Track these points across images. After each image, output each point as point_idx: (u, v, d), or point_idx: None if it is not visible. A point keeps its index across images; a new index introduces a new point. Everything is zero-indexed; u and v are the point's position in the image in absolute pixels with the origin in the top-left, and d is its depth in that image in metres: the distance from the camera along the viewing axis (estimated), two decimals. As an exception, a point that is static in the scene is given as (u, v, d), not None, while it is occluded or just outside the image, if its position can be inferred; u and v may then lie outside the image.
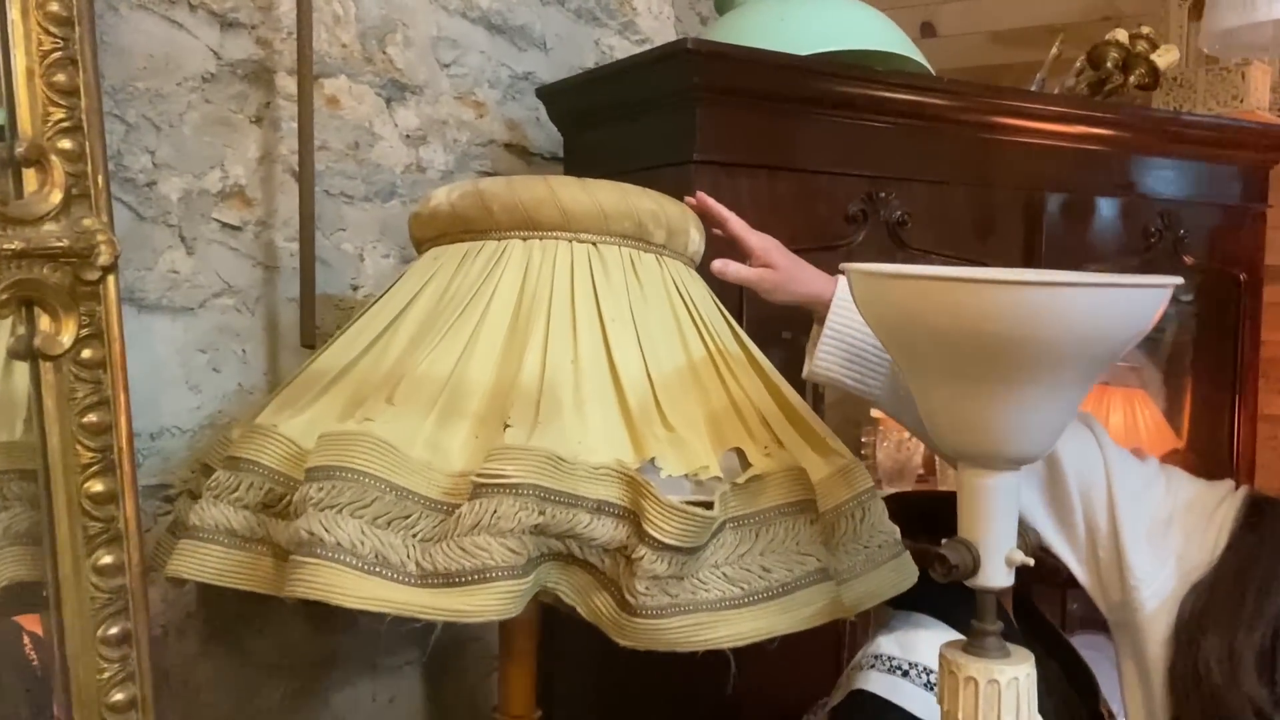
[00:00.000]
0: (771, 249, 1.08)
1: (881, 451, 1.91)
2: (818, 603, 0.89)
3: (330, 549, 0.78)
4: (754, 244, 1.08)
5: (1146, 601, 0.96)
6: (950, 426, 0.78)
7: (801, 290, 1.07)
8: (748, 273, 1.07)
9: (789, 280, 1.07)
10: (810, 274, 1.08)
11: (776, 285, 1.07)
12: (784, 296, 1.07)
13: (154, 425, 1.09)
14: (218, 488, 0.87)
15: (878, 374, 1.04)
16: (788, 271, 1.07)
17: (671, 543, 0.81)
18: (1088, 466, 1.02)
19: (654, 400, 0.92)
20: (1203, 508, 1.01)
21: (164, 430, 1.10)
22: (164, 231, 1.10)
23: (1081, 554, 1.02)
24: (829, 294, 1.05)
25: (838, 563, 0.96)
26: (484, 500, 0.80)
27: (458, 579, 0.79)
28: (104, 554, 0.84)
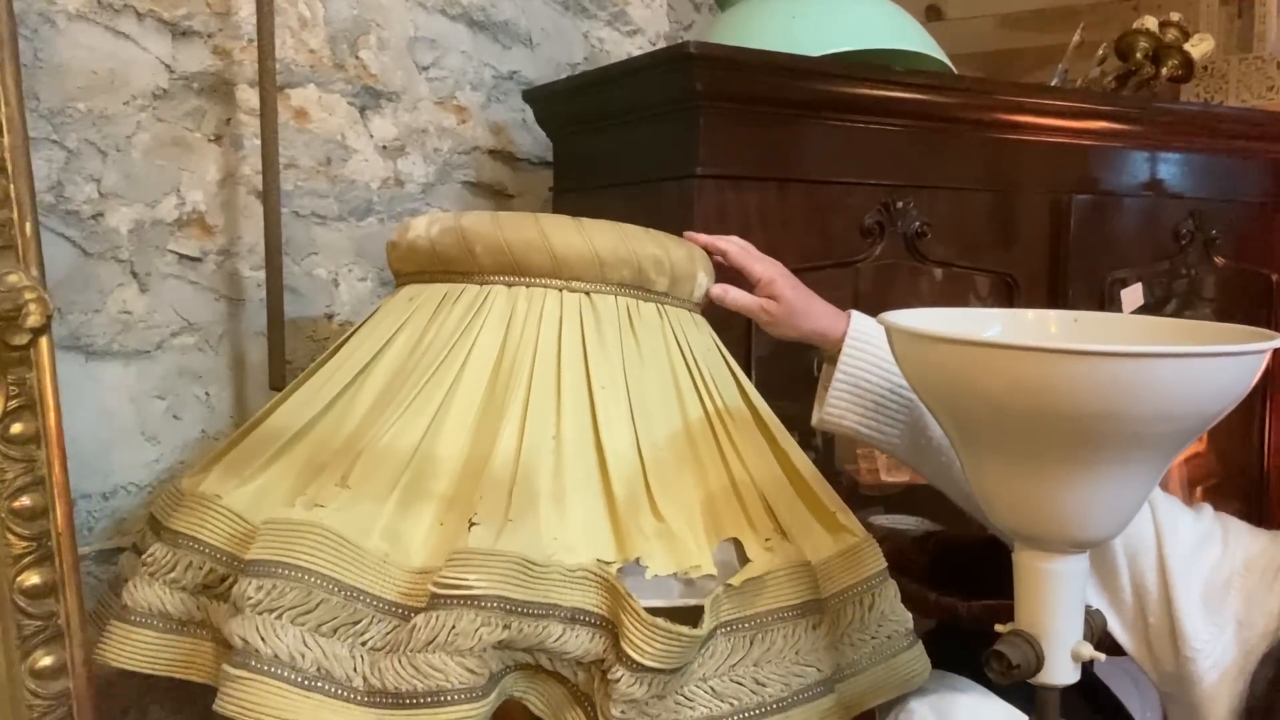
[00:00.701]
0: (777, 279, 0.98)
1: None
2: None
3: (266, 661, 0.69)
4: (758, 273, 0.98)
5: (1206, 674, 0.87)
6: (1008, 506, 0.69)
7: (808, 326, 0.98)
8: (748, 301, 0.98)
9: (793, 315, 0.97)
10: (819, 309, 0.98)
11: (779, 319, 0.98)
12: (788, 331, 0.98)
13: (106, 484, 0.98)
14: (153, 564, 0.78)
15: (897, 422, 0.95)
16: (792, 305, 0.97)
17: (652, 665, 0.72)
18: (1134, 522, 0.93)
19: (644, 485, 0.83)
20: (1266, 565, 0.91)
21: (118, 489, 1.00)
22: (113, 268, 0.99)
23: (1128, 619, 0.92)
24: (838, 331, 0.95)
25: (840, 656, 0.87)
26: (441, 613, 0.71)
27: (408, 700, 0.70)
28: (42, 655, 0.74)
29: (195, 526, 0.78)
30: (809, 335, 0.98)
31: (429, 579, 0.72)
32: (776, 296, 0.97)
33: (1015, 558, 0.71)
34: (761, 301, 0.97)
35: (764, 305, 0.97)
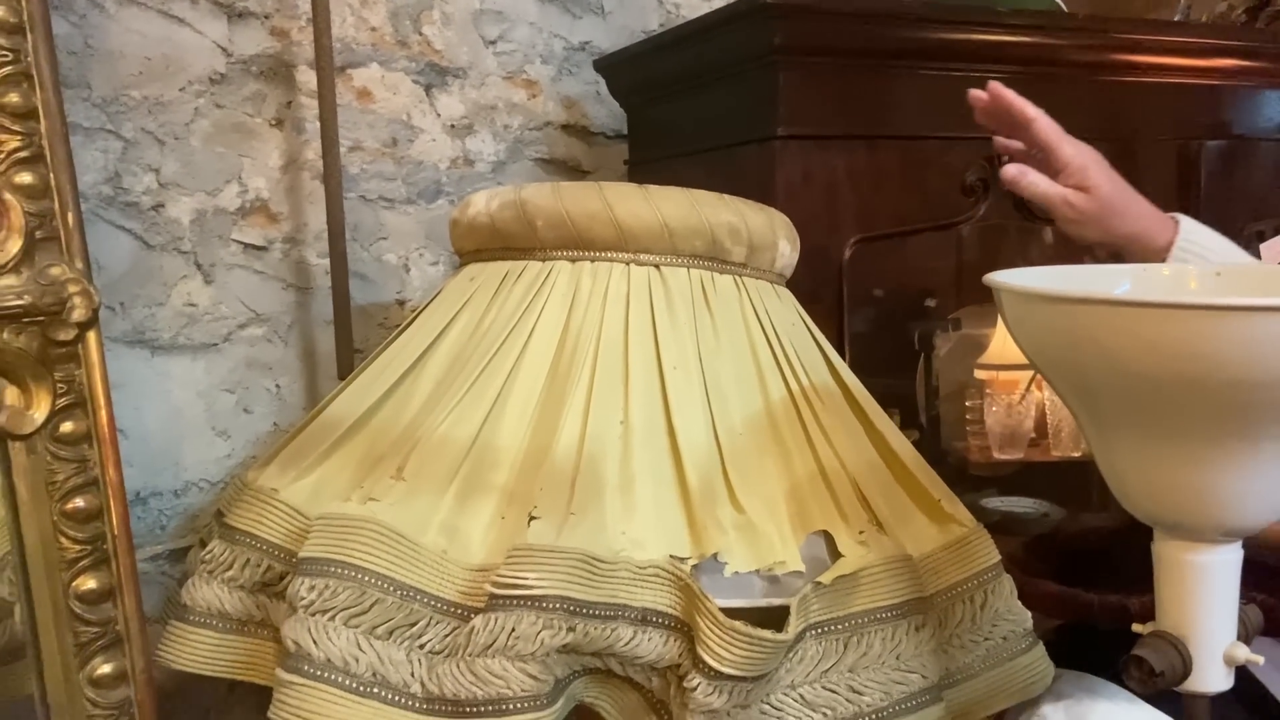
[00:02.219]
0: (1090, 166, 0.81)
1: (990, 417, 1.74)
2: (920, 733, 0.72)
3: (320, 666, 0.65)
4: (1068, 156, 0.82)
5: None
6: (1145, 490, 0.59)
7: (1124, 229, 0.81)
8: (1049, 189, 0.81)
9: (1107, 212, 0.81)
10: (1140, 209, 0.82)
11: (1088, 216, 0.81)
12: (1096, 233, 0.82)
13: (177, 481, 0.96)
14: (212, 562, 0.75)
15: None
16: (1107, 200, 0.80)
17: (731, 672, 0.65)
18: None
19: (722, 473, 0.76)
20: None
21: (189, 485, 0.98)
22: (176, 260, 0.97)
23: None
24: (1164, 238, 0.79)
25: (949, 660, 0.79)
26: (500, 615, 0.65)
27: (468, 708, 0.65)
28: (101, 662, 0.72)
29: (252, 523, 0.75)
30: (1122, 239, 0.81)
31: (489, 577, 0.67)
32: (1088, 187, 0.81)
33: (1155, 549, 0.62)
34: (1066, 193, 0.82)
35: (1069, 198, 0.81)
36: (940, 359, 1.58)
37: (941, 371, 1.61)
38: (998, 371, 1.81)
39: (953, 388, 1.63)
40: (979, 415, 1.81)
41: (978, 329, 1.71)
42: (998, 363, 1.80)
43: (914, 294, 1.48)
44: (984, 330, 1.75)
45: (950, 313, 1.55)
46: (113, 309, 0.90)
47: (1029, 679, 0.82)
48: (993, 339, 1.84)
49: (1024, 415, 1.75)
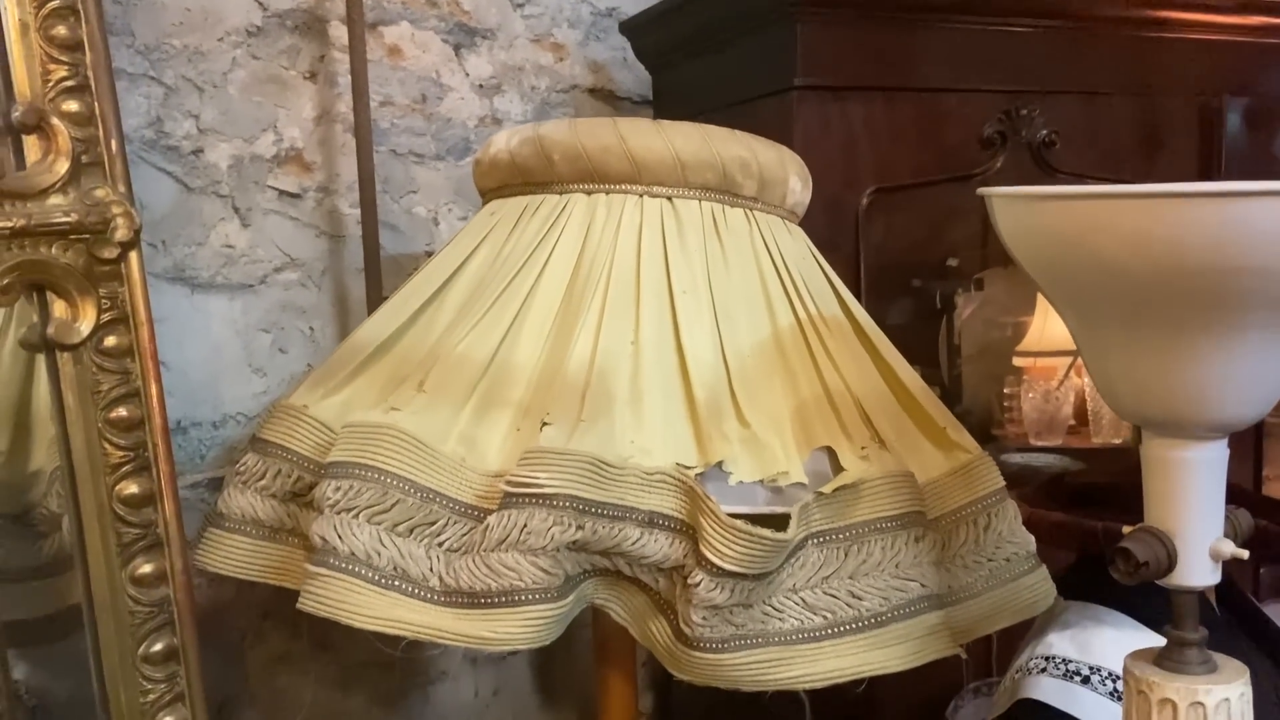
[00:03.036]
0: None
1: (1027, 403, 1.74)
2: (919, 637, 0.74)
3: (344, 559, 0.69)
4: None
5: None
6: (1133, 388, 0.61)
7: None
8: None
9: None
10: None
11: None
12: None
13: (216, 414, 1.01)
14: (245, 473, 0.79)
15: None
16: None
17: (732, 569, 0.68)
18: None
19: (729, 391, 0.79)
20: None
21: (227, 419, 1.03)
22: (214, 203, 1.01)
23: None
24: None
25: (952, 579, 0.81)
26: (513, 513, 0.69)
27: (483, 599, 0.69)
28: (143, 563, 0.76)
29: (283, 435, 0.79)
30: None
31: (504, 480, 0.70)
32: None
33: (1143, 450, 0.63)
34: None
35: None
36: (963, 320, 1.59)
37: (964, 332, 1.62)
38: (1035, 358, 1.81)
39: (975, 349, 1.64)
40: (1016, 402, 1.80)
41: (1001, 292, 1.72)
42: (1035, 349, 1.80)
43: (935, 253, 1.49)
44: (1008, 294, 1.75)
45: (973, 274, 1.56)
46: (155, 246, 0.95)
47: (1031, 599, 0.84)
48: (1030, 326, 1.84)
49: (1062, 402, 1.75)
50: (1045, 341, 1.77)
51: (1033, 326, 1.79)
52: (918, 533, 0.77)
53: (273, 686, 1.08)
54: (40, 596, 0.86)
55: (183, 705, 0.77)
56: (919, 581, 0.76)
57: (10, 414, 0.85)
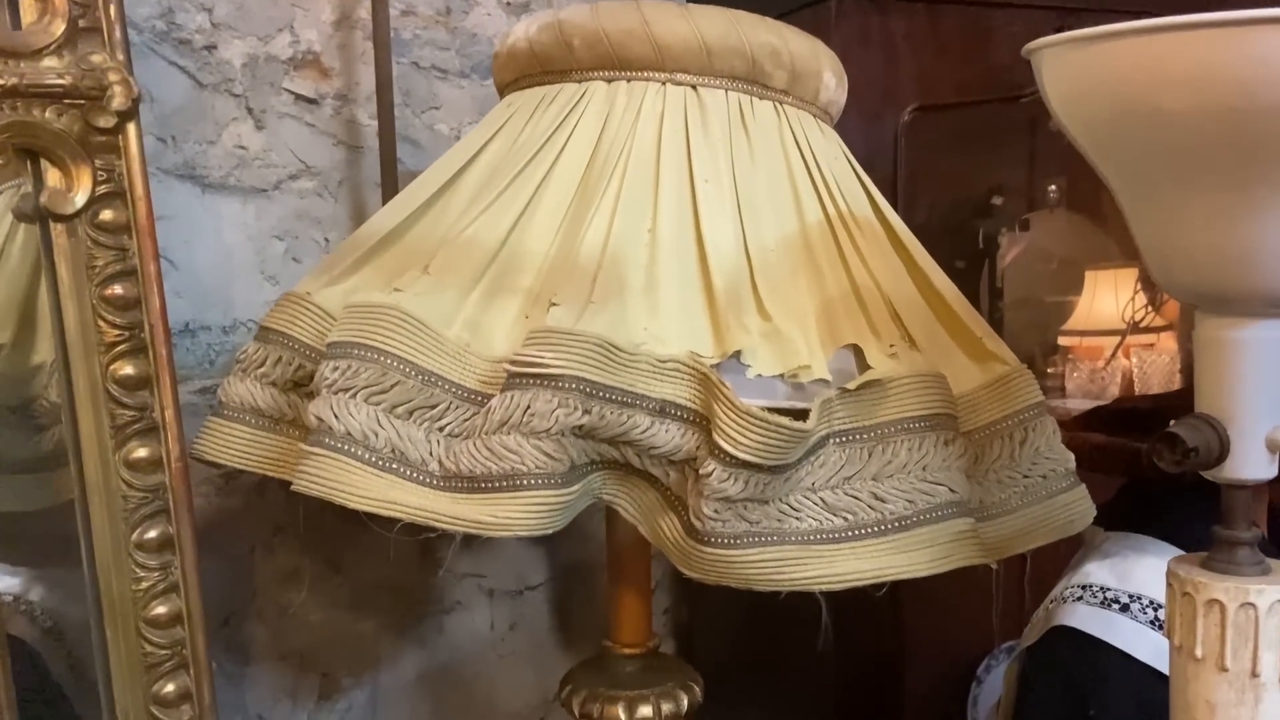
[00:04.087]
0: None
1: (1072, 382, 1.69)
2: (945, 542, 0.70)
3: (340, 439, 0.66)
4: None
5: None
6: (1186, 259, 0.56)
7: None
8: None
9: None
10: None
11: None
12: None
13: (226, 319, 0.99)
14: (245, 361, 0.76)
15: None
16: None
17: (747, 458, 0.64)
18: None
19: (750, 284, 0.74)
20: None
21: (238, 324, 1.00)
22: (227, 101, 0.98)
23: None
24: None
25: (985, 494, 0.77)
26: (516, 394, 0.65)
27: (483, 483, 0.65)
28: (137, 446, 0.74)
29: (285, 323, 0.76)
30: None
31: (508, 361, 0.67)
32: None
33: (1196, 334, 0.58)
34: None
35: None
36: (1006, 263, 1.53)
37: (1006, 276, 1.55)
38: (1081, 338, 1.75)
39: (1017, 296, 1.58)
40: (1060, 382, 1.75)
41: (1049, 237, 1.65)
42: (1082, 328, 1.73)
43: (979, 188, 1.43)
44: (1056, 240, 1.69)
45: (1019, 214, 1.49)
46: (164, 142, 0.93)
47: (1069, 517, 0.79)
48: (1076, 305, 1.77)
49: (1108, 382, 1.69)
50: (1093, 320, 1.72)
51: (1079, 305, 1.74)
52: (947, 436, 0.72)
53: (281, 604, 1.06)
54: (42, 490, 0.84)
55: (176, 596, 0.74)
56: (947, 486, 0.71)
57: (16, 308, 0.84)
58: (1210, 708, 0.57)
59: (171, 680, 0.74)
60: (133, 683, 0.73)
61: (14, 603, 0.86)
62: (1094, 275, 1.73)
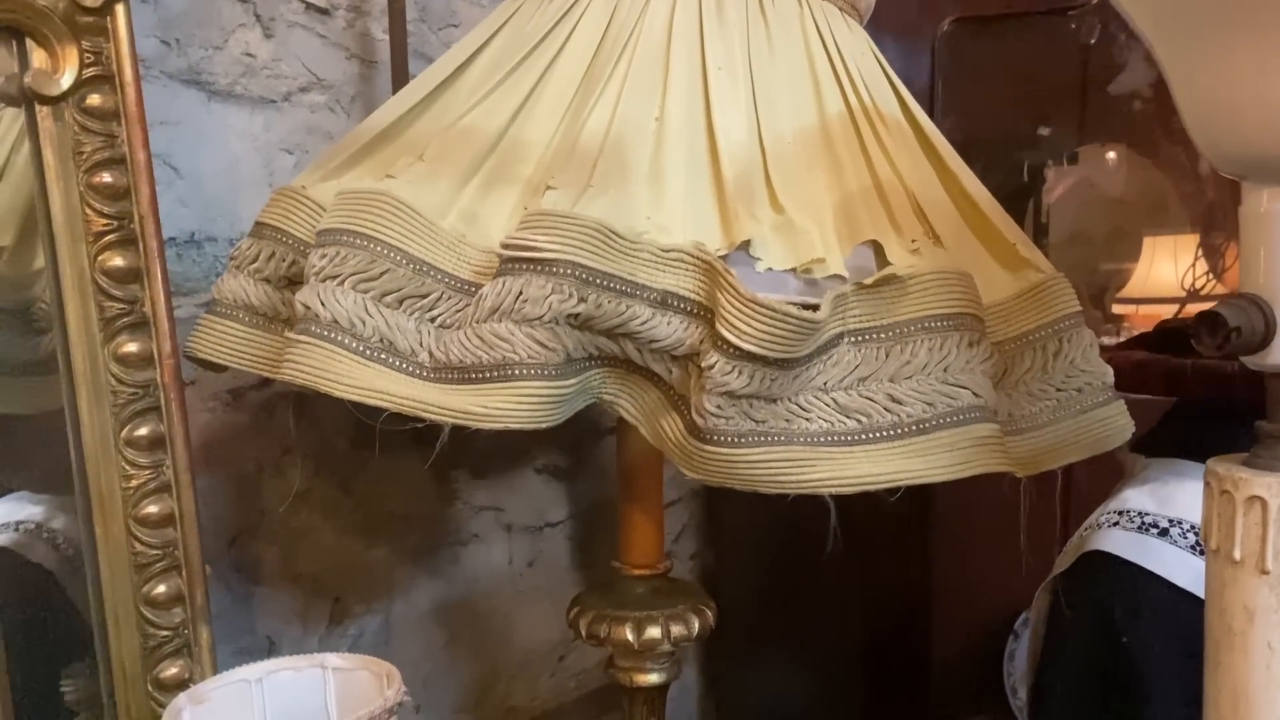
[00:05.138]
0: None
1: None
2: (966, 447, 0.65)
3: (326, 326, 0.64)
4: None
5: None
6: (1228, 116, 0.50)
7: None
8: None
9: None
10: None
11: None
12: None
13: (233, 230, 0.96)
14: (239, 257, 0.74)
15: None
16: None
17: (751, 349, 0.59)
18: None
19: (763, 176, 0.70)
20: None
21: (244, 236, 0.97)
22: (234, 6, 0.95)
23: None
24: None
25: (1014, 407, 0.72)
26: (508, 279, 0.62)
27: (474, 373, 0.62)
28: (126, 341, 0.72)
29: (279, 217, 0.73)
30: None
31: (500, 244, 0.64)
32: None
33: (1242, 208, 0.53)
34: None
35: None
36: (1053, 198, 1.46)
37: (1053, 212, 1.49)
38: (1137, 305, 1.69)
39: (1064, 235, 1.51)
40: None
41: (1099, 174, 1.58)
42: (1138, 296, 1.68)
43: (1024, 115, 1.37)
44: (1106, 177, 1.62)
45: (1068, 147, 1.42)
46: (168, 44, 0.90)
47: (1105, 432, 0.74)
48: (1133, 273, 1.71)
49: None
50: (1150, 287, 1.66)
51: (1135, 273, 1.68)
52: (971, 337, 0.67)
53: (290, 526, 1.04)
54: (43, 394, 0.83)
55: (169, 496, 0.72)
56: (970, 389, 0.66)
57: (18, 214, 0.82)
58: (1249, 614, 0.53)
59: (163, 581, 0.72)
60: (122, 581, 0.71)
61: (36, 530, 0.86)
62: (1153, 241, 1.67)
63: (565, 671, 1.35)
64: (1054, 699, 0.79)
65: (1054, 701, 0.79)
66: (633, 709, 0.89)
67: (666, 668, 0.88)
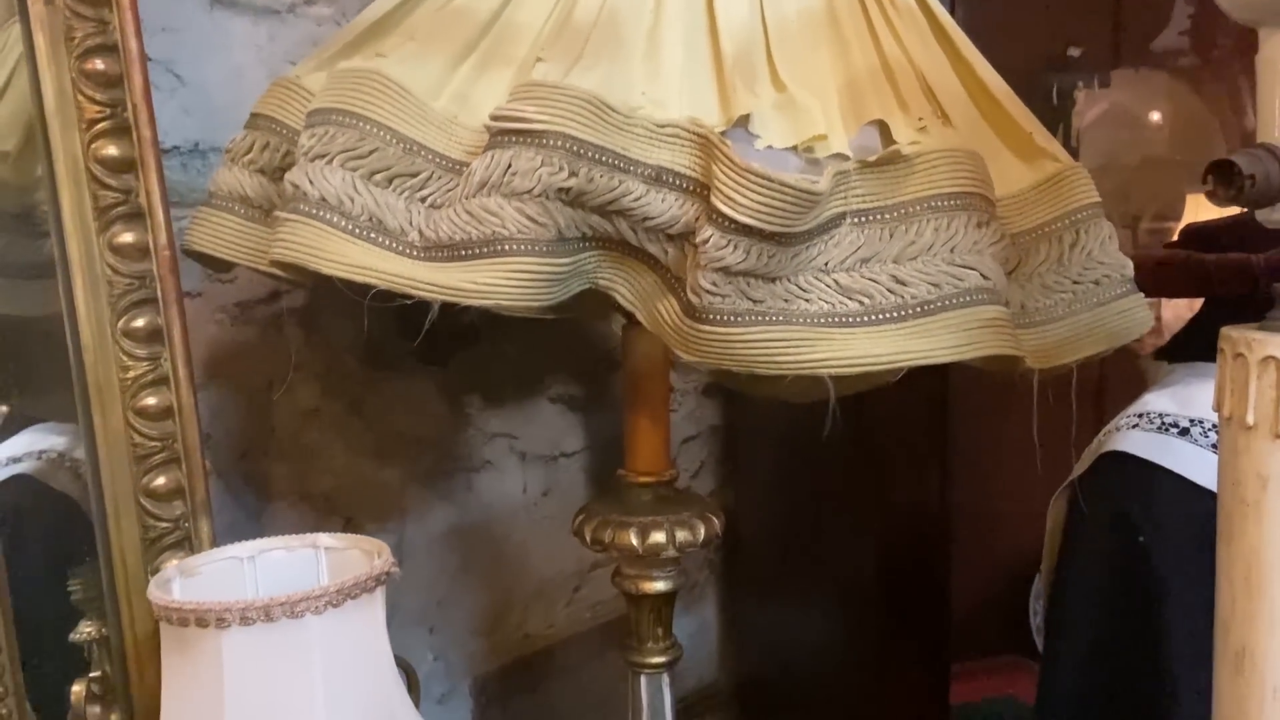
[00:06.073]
0: None
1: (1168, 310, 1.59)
2: (973, 328, 0.62)
3: (314, 204, 0.63)
4: None
5: None
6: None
7: None
8: None
9: None
10: None
11: None
12: None
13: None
14: (234, 149, 0.73)
15: None
16: None
17: (748, 221, 0.57)
18: None
19: (765, 51, 0.68)
20: None
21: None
22: (236, -91, 0.94)
23: None
24: None
25: (1027, 298, 0.70)
26: (497, 152, 0.60)
27: (463, 250, 0.61)
28: (122, 231, 0.71)
29: (274, 108, 0.73)
30: None
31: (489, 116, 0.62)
32: None
33: (1259, 55, 0.50)
34: None
35: None
36: (1084, 123, 1.42)
37: (1083, 138, 1.45)
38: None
39: (1096, 162, 1.46)
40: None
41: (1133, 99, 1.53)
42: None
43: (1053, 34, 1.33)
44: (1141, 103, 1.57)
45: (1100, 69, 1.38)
46: (167, -55, 0.90)
47: (1122, 324, 0.71)
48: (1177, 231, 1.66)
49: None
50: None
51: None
52: (981, 218, 0.65)
53: (300, 443, 1.04)
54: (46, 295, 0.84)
55: (167, 389, 0.72)
56: (979, 271, 0.64)
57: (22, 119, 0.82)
58: (1262, 481, 0.50)
59: (162, 473, 0.72)
60: (122, 472, 0.71)
61: (59, 459, 0.87)
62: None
63: (581, 602, 1.35)
64: (1070, 601, 0.77)
65: (1070, 604, 0.77)
66: (639, 618, 0.88)
67: (673, 576, 0.87)
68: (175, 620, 0.51)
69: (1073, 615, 0.78)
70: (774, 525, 1.48)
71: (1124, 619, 0.74)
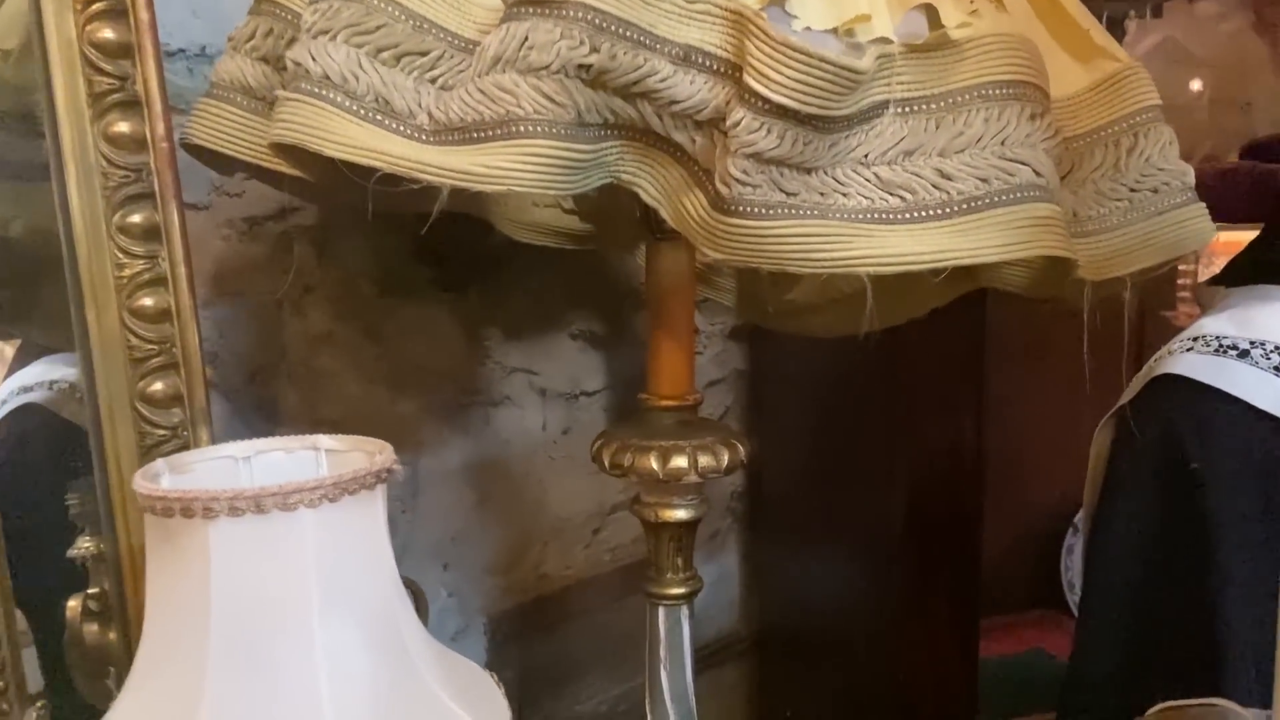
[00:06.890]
0: None
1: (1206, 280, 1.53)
2: (1023, 226, 0.57)
3: (317, 83, 0.59)
4: None
5: None
6: None
7: None
8: None
9: None
10: None
11: None
12: None
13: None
14: (236, 37, 0.69)
15: None
16: None
17: (782, 100, 0.53)
18: None
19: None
20: None
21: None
22: None
23: None
24: None
25: (1080, 206, 0.65)
26: (513, 24, 0.56)
27: (475, 132, 0.56)
28: (117, 120, 0.68)
29: (276, -9, 0.68)
30: None
31: (512, 10, 0.58)
32: None
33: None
34: None
35: None
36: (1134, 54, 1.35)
37: (1133, 71, 1.37)
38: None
39: (1147, 98, 1.39)
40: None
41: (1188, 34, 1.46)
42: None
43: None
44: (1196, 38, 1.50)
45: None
46: None
47: (1182, 234, 0.66)
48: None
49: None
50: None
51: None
52: (1035, 109, 0.60)
53: (312, 367, 1.01)
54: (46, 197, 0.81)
55: (164, 290, 0.69)
56: (1031, 166, 0.59)
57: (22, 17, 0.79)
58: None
59: (160, 379, 0.69)
60: (117, 375, 0.68)
61: (70, 389, 0.84)
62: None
63: (601, 545, 1.32)
64: (1113, 535, 0.72)
65: (1112, 538, 0.72)
66: (659, 547, 0.84)
67: (694, 504, 0.83)
68: (160, 510, 0.48)
69: (1116, 551, 0.73)
70: (799, 472, 1.44)
71: (1172, 553, 0.69)
